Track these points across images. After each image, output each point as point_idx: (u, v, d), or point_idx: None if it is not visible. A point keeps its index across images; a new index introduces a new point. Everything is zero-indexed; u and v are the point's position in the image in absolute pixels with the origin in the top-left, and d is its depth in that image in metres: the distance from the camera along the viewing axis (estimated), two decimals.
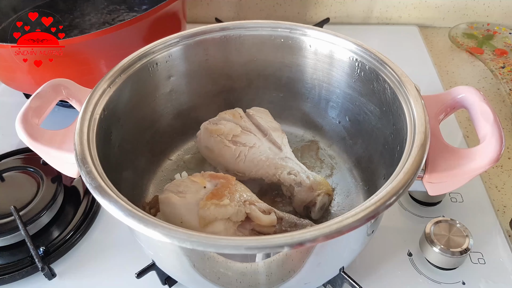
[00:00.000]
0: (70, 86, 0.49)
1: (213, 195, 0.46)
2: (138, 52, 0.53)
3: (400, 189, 0.36)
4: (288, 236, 0.33)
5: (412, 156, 0.39)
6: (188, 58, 0.58)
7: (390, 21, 1.01)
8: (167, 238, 0.34)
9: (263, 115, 0.61)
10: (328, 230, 0.33)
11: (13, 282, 0.52)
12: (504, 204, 0.60)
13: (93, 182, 0.38)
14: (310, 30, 0.56)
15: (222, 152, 0.56)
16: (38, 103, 0.46)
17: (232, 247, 0.33)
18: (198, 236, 0.33)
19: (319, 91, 0.61)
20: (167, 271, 0.47)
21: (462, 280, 0.50)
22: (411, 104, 0.44)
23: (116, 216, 0.36)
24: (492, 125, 0.41)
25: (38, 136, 0.43)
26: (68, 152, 0.42)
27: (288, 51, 0.59)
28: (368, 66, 0.51)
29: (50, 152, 0.43)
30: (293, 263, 0.39)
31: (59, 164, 0.44)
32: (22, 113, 0.44)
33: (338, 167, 0.61)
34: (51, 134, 0.44)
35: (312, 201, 0.52)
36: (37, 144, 0.43)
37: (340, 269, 0.46)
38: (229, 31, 0.58)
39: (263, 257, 0.37)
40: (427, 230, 0.50)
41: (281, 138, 0.58)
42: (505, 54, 0.86)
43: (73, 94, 0.48)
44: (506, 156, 0.67)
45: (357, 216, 0.34)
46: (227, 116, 0.59)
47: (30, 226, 0.55)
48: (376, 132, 0.54)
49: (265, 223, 0.46)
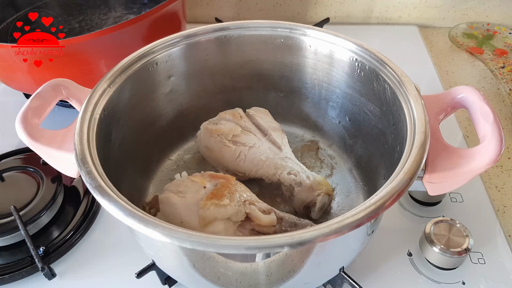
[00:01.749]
0: (70, 86, 0.49)
1: (213, 195, 0.46)
2: (138, 52, 0.53)
3: (400, 189, 0.36)
4: (288, 236, 0.33)
5: (412, 156, 0.39)
6: (188, 58, 0.58)
7: (390, 21, 1.01)
8: (167, 238, 0.34)
9: (263, 115, 0.61)
10: (328, 230, 0.33)
11: (13, 282, 0.52)
12: (504, 204, 0.60)
13: (93, 182, 0.38)
14: (310, 30, 0.56)
15: (222, 152, 0.56)
16: (38, 103, 0.46)
17: (232, 247, 0.33)
18: (198, 236, 0.33)
19: (319, 91, 0.61)
20: (167, 271, 0.47)
21: (462, 280, 0.50)
22: (411, 104, 0.44)
23: (116, 216, 0.36)
24: (492, 125, 0.41)
25: (38, 136, 0.43)
26: (68, 152, 0.42)
27: (288, 51, 0.59)
28: (368, 66, 0.51)
29: (50, 152, 0.43)
30: (293, 263, 0.39)
31: (59, 164, 0.44)
32: (22, 113, 0.44)
33: (338, 167, 0.61)
34: (51, 134, 0.44)
35: (312, 201, 0.52)
36: (37, 144, 0.43)
37: (340, 269, 0.46)
38: (229, 31, 0.58)
39: (263, 257, 0.37)
40: (427, 230, 0.50)
41: (281, 138, 0.58)
42: (505, 54, 0.86)
43: (73, 94, 0.48)
44: (506, 156, 0.67)
45: (357, 216, 0.34)
46: (227, 116, 0.59)
47: (30, 226, 0.55)
48: (376, 132, 0.54)
49: (265, 223, 0.46)
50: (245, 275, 0.40)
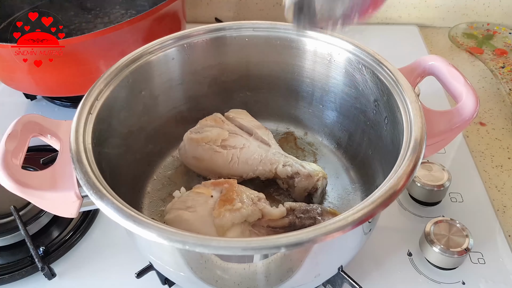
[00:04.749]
0: (41, 121, 0.45)
1: (224, 202, 0.46)
2: (134, 53, 0.53)
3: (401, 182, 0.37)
4: (284, 237, 0.33)
5: (410, 150, 0.40)
6: (184, 59, 0.58)
7: (390, 21, 1.01)
8: (165, 240, 0.33)
9: (243, 115, 0.61)
10: (325, 230, 0.34)
11: (13, 282, 0.52)
12: (504, 204, 0.60)
13: (93, 188, 0.37)
14: (307, 30, 0.56)
15: (214, 159, 0.56)
16: (14, 144, 0.41)
17: (228, 249, 0.33)
18: (196, 238, 0.33)
19: (313, 90, 0.61)
20: (166, 273, 0.47)
21: (462, 280, 0.50)
22: (406, 101, 0.45)
23: (113, 219, 0.35)
24: (464, 84, 0.47)
25: (26, 180, 0.39)
26: (64, 190, 0.39)
27: (285, 51, 0.59)
28: (364, 65, 0.52)
29: (44, 195, 0.39)
30: (292, 263, 0.39)
31: (55, 206, 0.41)
32: (1, 158, 0.39)
33: (319, 152, 0.63)
34: (38, 175, 0.40)
35: (314, 187, 0.54)
36: (27, 189, 0.38)
37: (339, 268, 0.46)
38: (226, 31, 0.58)
39: (261, 257, 0.37)
40: (427, 230, 0.50)
41: (267, 135, 0.59)
42: (505, 54, 0.86)
43: (46, 130, 0.44)
44: (506, 156, 0.67)
45: (354, 216, 0.34)
46: (209, 122, 0.58)
47: (30, 226, 0.55)
48: (370, 130, 0.54)
49: (276, 215, 0.47)
50: (243, 277, 0.40)
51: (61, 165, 0.41)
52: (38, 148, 0.65)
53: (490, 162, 0.66)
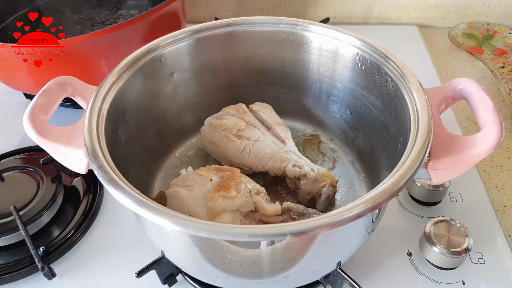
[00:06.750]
0: (75, 83, 0.49)
1: (220, 187, 0.47)
2: (145, 47, 0.54)
3: (407, 174, 0.37)
4: (290, 225, 0.34)
5: (417, 143, 0.39)
6: (192, 54, 0.58)
7: (390, 21, 1.01)
8: (182, 227, 0.34)
9: (266, 110, 0.61)
10: (332, 220, 0.34)
11: (13, 282, 0.52)
12: (504, 204, 0.60)
13: (106, 176, 0.38)
14: (312, 26, 0.57)
15: (227, 146, 0.57)
16: (45, 100, 0.45)
17: (238, 235, 0.34)
18: (213, 225, 0.34)
19: (321, 85, 0.61)
20: (176, 261, 0.48)
21: (462, 280, 0.50)
22: (413, 95, 0.45)
23: (130, 208, 0.36)
24: (492, 112, 0.42)
25: (46, 133, 0.43)
26: (76, 148, 0.43)
27: (290, 46, 0.59)
28: (369, 60, 0.52)
29: (58, 148, 0.43)
30: (295, 252, 0.39)
31: (67, 160, 0.44)
32: (29, 110, 0.44)
33: (340, 160, 0.62)
34: (58, 130, 0.44)
35: (318, 192, 0.53)
36: (45, 140, 0.43)
37: (337, 264, 0.46)
38: (234, 27, 0.58)
39: (268, 244, 0.38)
40: (427, 230, 0.50)
41: (285, 132, 0.59)
42: (505, 54, 0.86)
43: (78, 92, 0.48)
44: (506, 156, 0.67)
45: (362, 206, 0.35)
46: (231, 111, 0.60)
47: (30, 226, 0.55)
48: (377, 125, 0.54)
49: (270, 212, 0.47)
50: (250, 261, 0.40)
51: (81, 124, 0.44)
52: (38, 148, 0.65)
53: (490, 162, 0.66)
